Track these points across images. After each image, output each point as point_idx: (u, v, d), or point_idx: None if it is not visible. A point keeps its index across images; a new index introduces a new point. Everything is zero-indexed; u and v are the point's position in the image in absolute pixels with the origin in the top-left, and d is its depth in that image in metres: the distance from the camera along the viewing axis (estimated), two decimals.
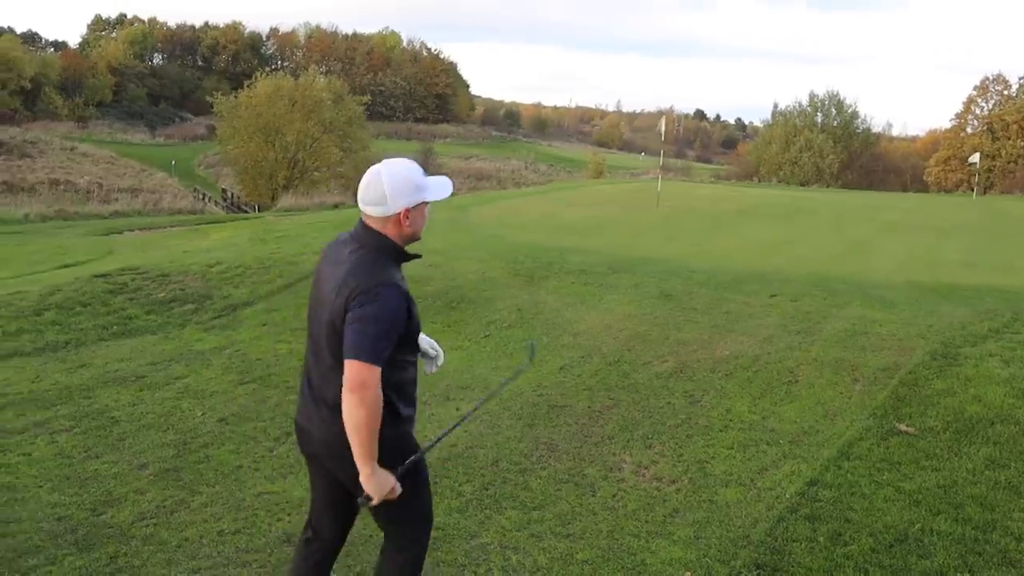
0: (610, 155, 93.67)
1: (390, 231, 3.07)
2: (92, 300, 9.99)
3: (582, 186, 32.26)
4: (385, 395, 2.91)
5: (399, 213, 3.04)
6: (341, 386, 2.89)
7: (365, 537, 4.49)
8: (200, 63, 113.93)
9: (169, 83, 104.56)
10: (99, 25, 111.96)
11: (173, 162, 65.16)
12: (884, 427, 6.12)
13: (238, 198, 50.95)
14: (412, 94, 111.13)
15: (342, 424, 2.89)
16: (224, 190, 54.51)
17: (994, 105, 60.99)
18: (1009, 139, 56.79)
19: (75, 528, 4.61)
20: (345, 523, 3.44)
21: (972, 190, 46.47)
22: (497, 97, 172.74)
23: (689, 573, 4.21)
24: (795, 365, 7.52)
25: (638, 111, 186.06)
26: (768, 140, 72.19)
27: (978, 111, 62.44)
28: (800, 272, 11.58)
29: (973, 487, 5.16)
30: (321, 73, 52.82)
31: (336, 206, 33.25)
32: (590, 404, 6.71)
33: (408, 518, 3.26)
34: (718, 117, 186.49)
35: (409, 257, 3.16)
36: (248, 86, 46.19)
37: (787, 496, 5.07)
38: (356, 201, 3.15)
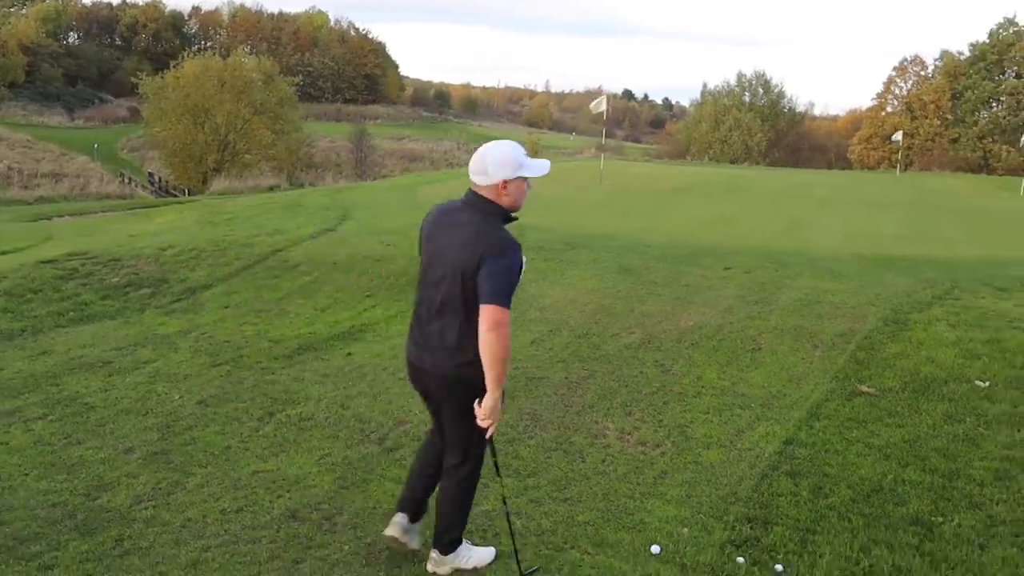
0: (542, 135, 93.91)
1: (494, 197, 3.54)
2: (42, 287, 9.73)
3: None
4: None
5: (498, 184, 3.50)
6: (461, 329, 3.52)
7: (368, 510, 4.58)
8: (119, 43, 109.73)
9: (86, 63, 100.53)
10: (7, 2, 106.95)
11: (95, 146, 62.91)
12: (847, 389, 6.46)
13: (166, 182, 49.65)
14: (341, 75, 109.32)
15: (454, 363, 3.57)
16: (151, 174, 53.03)
17: (912, 85, 63.22)
18: (927, 118, 58.97)
19: (72, 513, 4.57)
20: None
21: (894, 167, 48.20)
22: (426, 78, 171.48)
23: (686, 529, 4.41)
24: (757, 334, 7.82)
25: (567, 91, 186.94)
26: (698, 119, 73.56)
27: (897, 91, 64.67)
28: (748, 246, 11.96)
29: (935, 440, 5.51)
30: (250, 53, 51.55)
31: (271, 188, 32.67)
32: (566, 375, 6.87)
33: (474, 437, 3.75)
34: (646, 97, 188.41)
35: (512, 219, 3.63)
36: (175, 66, 44.93)
37: (766, 455, 5.33)
38: (291, 183, 3.41)
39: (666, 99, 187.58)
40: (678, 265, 10.36)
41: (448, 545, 3.94)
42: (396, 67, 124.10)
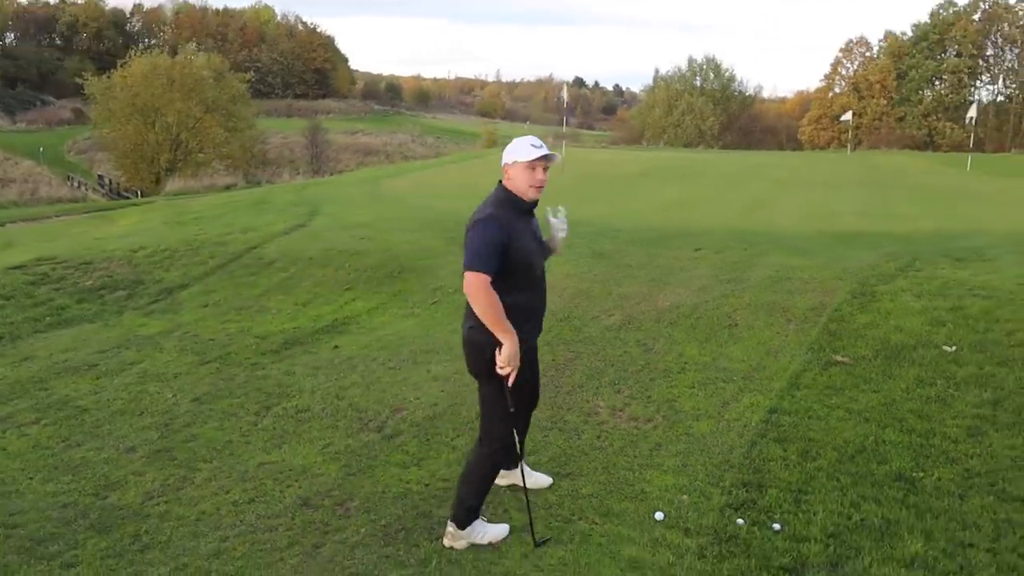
0: (497, 125, 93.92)
1: (505, 181, 4.01)
2: (14, 292, 9.66)
3: (485, 155, 32.48)
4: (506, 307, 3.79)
5: (503, 169, 4.00)
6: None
7: (378, 494, 4.72)
8: (59, 42, 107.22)
9: (26, 64, 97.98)
10: None
11: (41, 149, 61.55)
12: (822, 359, 6.73)
13: (118, 184, 48.75)
14: (290, 70, 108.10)
15: (464, 326, 4.05)
16: (101, 176, 52.06)
17: (858, 66, 64.48)
18: (873, 98, 60.25)
19: (85, 513, 4.63)
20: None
21: (843, 146, 49.21)
22: (376, 71, 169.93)
23: (686, 497, 4.62)
24: (732, 310, 8.08)
25: (518, 80, 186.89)
26: (651, 105, 74.22)
27: (844, 72, 65.90)
28: (715, 227, 12.25)
29: (909, 403, 5.80)
30: (198, 50, 50.75)
31: (228, 187, 32.30)
32: (553, 358, 7.05)
33: (488, 415, 4.10)
34: (596, 84, 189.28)
35: (525, 205, 3.99)
36: (122, 65, 44.08)
37: (753, 424, 5.57)
38: (247, 182, 3.62)
39: (617, 86, 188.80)
40: (650, 248, 10.60)
41: (464, 519, 4.14)
42: (346, 61, 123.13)
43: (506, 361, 3.82)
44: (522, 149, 3.94)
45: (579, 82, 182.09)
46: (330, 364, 7.06)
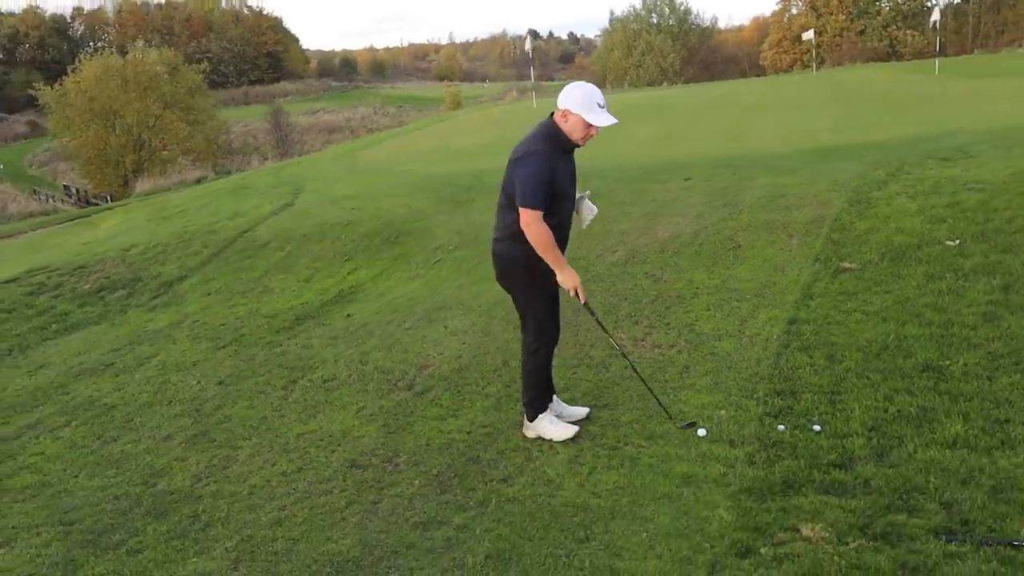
0: (459, 87, 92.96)
1: (559, 121, 4.25)
2: (15, 305, 9.60)
3: (452, 117, 32.27)
4: None
5: (562, 111, 4.21)
6: (500, 213, 4.45)
7: (422, 447, 4.79)
8: (1, 56, 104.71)
9: None
10: None
11: (0, 166, 60.43)
12: (830, 268, 6.83)
13: (85, 192, 48.05)
14: (242, 56, 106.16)
15: (492, 238, 4.56)
16: (67, 187, 51.20)
17: None
18: (831, 14, 59.98)
19: (138, 501, 4.68)
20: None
21: (806, 67, 49.13)
22: (329, 47, 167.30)
23: (723, 412, 4.73)
24: (732, 233, 8.15)
25: (472, 40, 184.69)
26: (610, 48, 73.68)
27: None
28: (698, 157, 12.29)
29: (923, 298, 5.92)
30: (147, 47, 49.71)
31: (199, 181, 31.94)
32: (565, 298, 7.09)
33: (529, 316, 4.63)
34: (551, 34, 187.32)
35: (571, 145, 4.29)
36: (73, 71, 43.22)
37: (775, 336, 5.67)
38: (217, 173, 3.76)
39: (571, 34, 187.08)
40: (639, 184, 10.64)
41: (528, 413, 4.67)
42: (297, 41, 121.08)
43: (564, 283, 4.36)
44: (590, 109, 4.17)
45: (533, 34, 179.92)
46: (346, 332, 7.10)
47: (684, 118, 20.14)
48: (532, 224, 4.16)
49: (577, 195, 4.55)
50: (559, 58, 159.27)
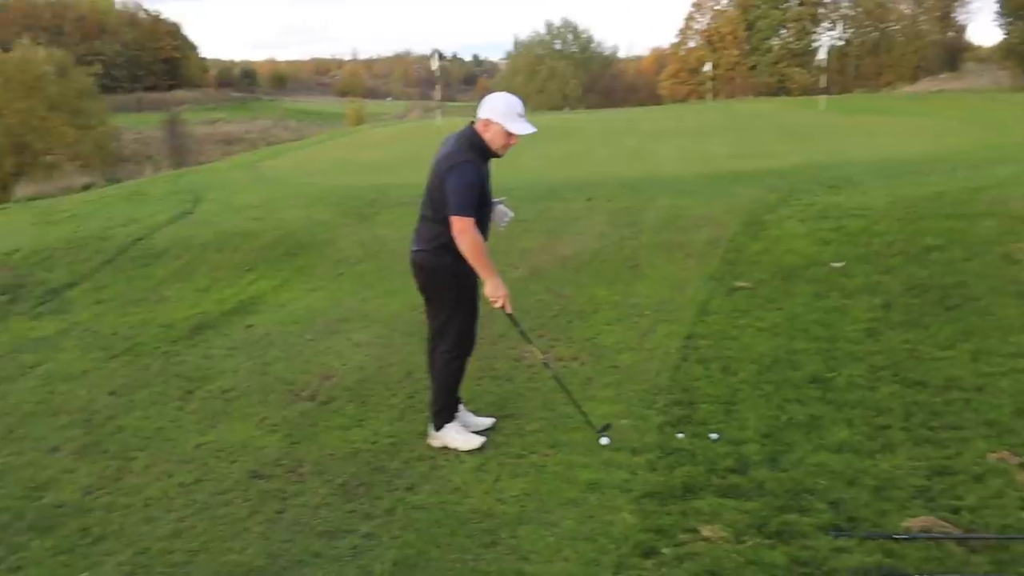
0: (363, 103, 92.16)
1: (480, 131, 4.34)
2: None
3: (357, 132, 31.99)
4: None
5: (483, 120, 4.31)
6: (424, 224, 4.48)
7: (327, 457, 4.73)
8: None
9: None
10: None
11: None
12: (725, 286, 7.13)
13: None
14: (137, 61, 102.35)
15: (413, 249, 4.55)
16: None
17: (710, 19, 66.57)
18: (726, 49, 62.37)
19: (20, 515, 4.40)
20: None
21: (701, 98, 50.99)
22: (228, 57, 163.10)
23: (625, 421, 4.85)
24: (632, 252, 8.40)
25: (376, 57, 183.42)
26: (514, 72, 74.58)
27: (696, 26, 67.90)
28: (601, 178, 12.60)
29: (811, 315, 6.24)
30: (36, 44, 47.32)
31: (86, 187, 30.58)
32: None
33: (445, 322, 4.63)
34: (455, 56, 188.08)
35: (490, 153, 4.39)
36: None
37: (673, 350, 5.87)
38: (107, 181, 3.75)
39: (475, 56, 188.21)
40: (543, 202, 10.81)
41: (436, 422, 4.68)
42: (195, 49, 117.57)
43: (492, 292, 4.42)
44: (509, 117, 4.29)
45: (439, 54, 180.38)
46: (247, 343, 6.95)
47: (587, 141, 20.57)
48: (467, 232, 4.23)
49: (493, 200, 4.62)
50: (462, 80, 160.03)
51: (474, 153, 4.33)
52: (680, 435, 4.55)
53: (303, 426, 5.21)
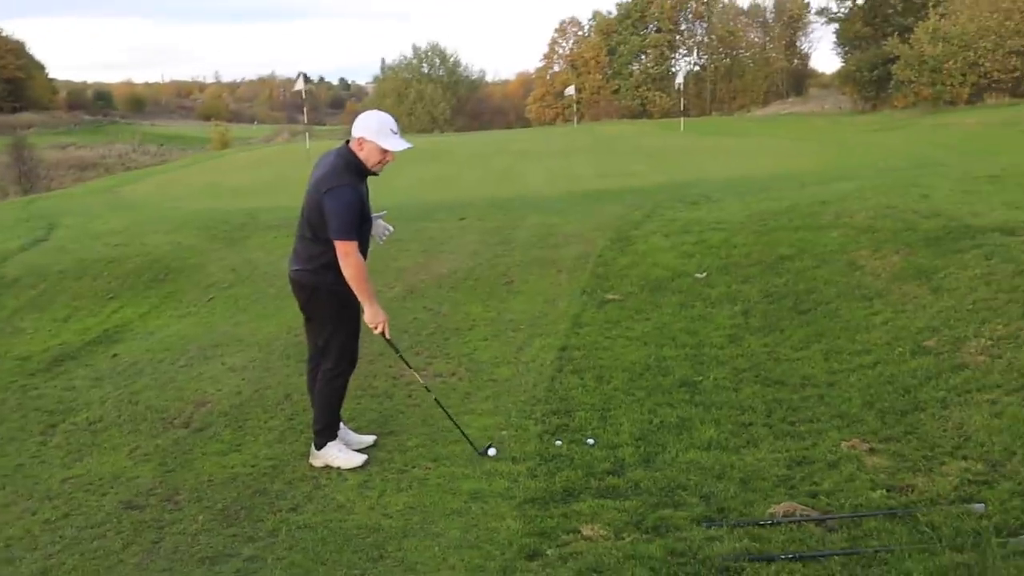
0: (228, 127, 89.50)
1: (356, 150, 4.32)
2: None
3: (223, 156, 31.11)
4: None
5: (357, 139, 4.29)
6: (303, 244, 4.47)
7: (205, 484, 4.63)
8: None
9: None
10: None
11: None
12: (596, 299, 7.39)
13: None
14: None
15: (292, 268, 4.53)
16: None
17: (573, 44, 68.60)
18: (589, 73, 64.37)
19: None
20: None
21: (567, 121, 52.37)
22: (80, 78, 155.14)
23: (505, 432, 4.96)
24: (506, 269, 8.58)
25: (239, 80, 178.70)
26: (382, 95, 74.29)
27: (560, 51, 69.82)
28: (473, 198, 12.79)
29: (677, 324, 6.56)
30: None
31: None
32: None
33: (328, 340, 4.63)
34: (322, 79, 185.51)
35: (367, 172, 4.39)
36: None
37: (549, 362, 6.04)
38: None
39: (342, 79, 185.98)
40: (416, 222, 10.88)
41: (317, 441, 4.66)
42: (43, 68, 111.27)
43: (372, 319, 4.45)
44: (384, 135, 4.31)
45: (305, 77, 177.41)
46: (113, 372, 6.67)
47: (458, 162, 20.80)
48: (350, 256, 4.25)
49: (373, 216, 4.67)
50: (330, 103, 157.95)
51: (350, 173, 4.33)
52: (558, 442, 4.70)
53: (177, 454, 5.05)
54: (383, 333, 4.52)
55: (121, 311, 8.37)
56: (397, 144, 4.37)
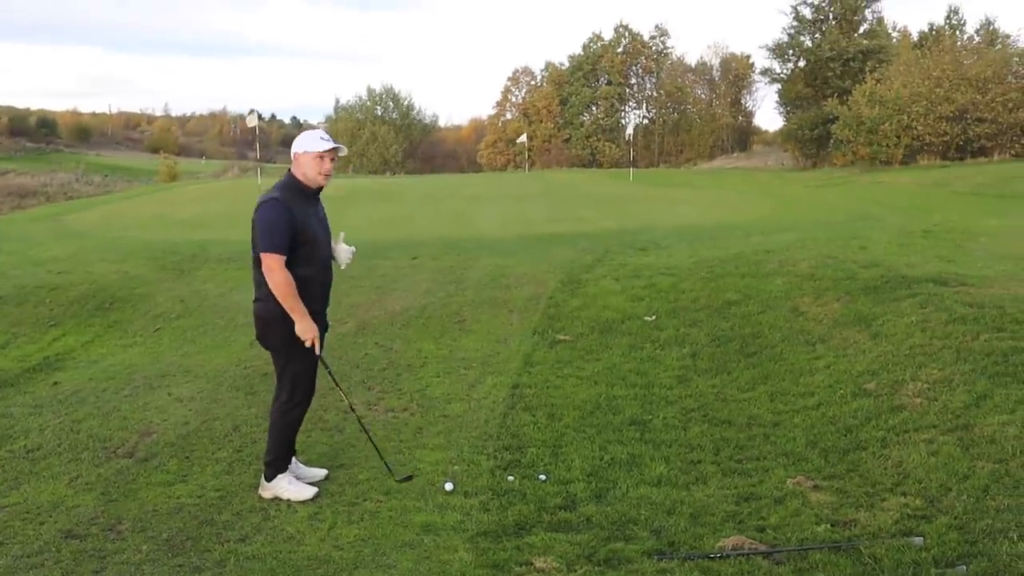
0: (176, 160, 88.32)
1: (293, 168, 4.42)
2: None
3: (172, 188, 30.67)
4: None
5: (294, 157, 4.41)
6: (254, 273, 4.43)
7: (149, 513, 4.54)
8: None
9: None
10: None
11: None
12: (547, 340, 7.47)
13: None
14: None
15: (261, 306, 4.44)
16: None
17: (526, 93, 69.72)
18: (541, 122, 65.42)
19: None
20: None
21: (518, 167, 52.98)
22: (23, 104, 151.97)
23: (457, 467, 4.97)
24: (458, 308, 8.62)
25: (189, 114, 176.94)
26: (335, 134, 74.22)
27: (513, 99, 70.88)
28: (426, 238, 12.85)
29: (627, 364, 6.67)
30: None
31: None
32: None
33: (287, 377, 4.61)
34: (274, 116, 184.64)
35: (311, 190, 4.44)
36: None
37: (501, 399, 6.08)
38: None
39: (294, 118, 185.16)
40: (368, 260, 10.87)
41: (270, 472, 4.63)
42: None
43: (302, 333, 4.38)
44: (312, 141, 4.35)
45: (256, 114, 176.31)
46: (54, 400, 6.50)
47: (410, 203, 20.89)
48: (275, 271, 4.24)
49: (332, 242, 4.70)
50: (281, 141, 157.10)
51: (286, 191, 4.34)
52: (511, 478, 4.72)
53: (121, 484, 4.94)
54: (313, 347, 4.48)
55: (63, 339, 8.18)
56: (328, 144, 4.37)
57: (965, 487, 3.96)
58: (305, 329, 4.39)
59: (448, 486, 4.65)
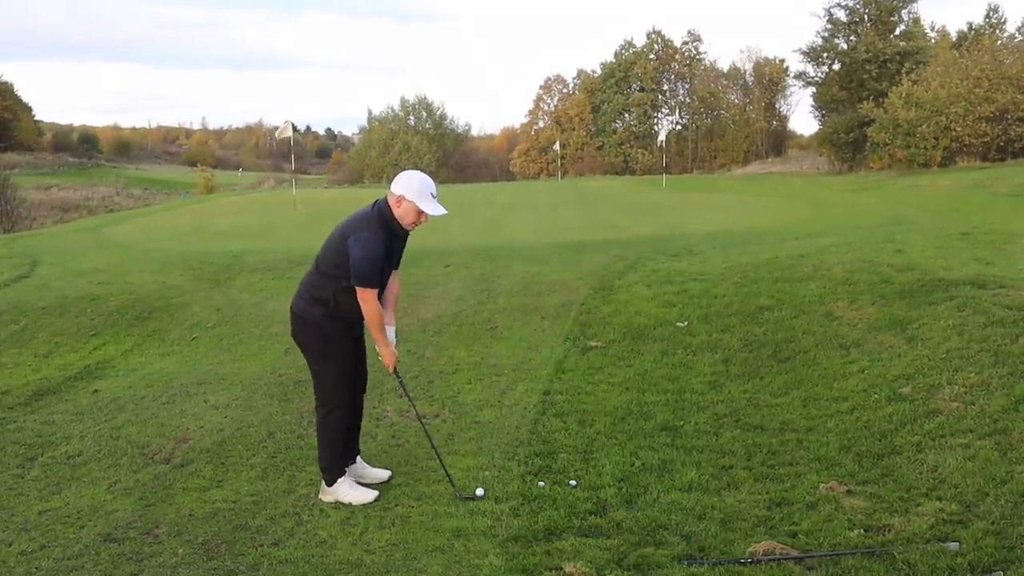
0: (213, 173, 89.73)
1: (392, 205, 4.44)
2: None
3: (209, 200, 31.17)
4: (336, 301, 4.55)
5: (396, 196, 4.41)
6: (308, 277, 4.67)
7: (185, 518, 4.61)
8: None
9: None
10: None
11: None
12: (579, 346, 7.47)
13: None
14: None
15: (302, 303, 4.65)
16: None
17: (558, 101, 69.86)
18: (573, 129, 65.52)
19: None
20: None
21: (551, 175, 53.05)
22: (67, 121, 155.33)
23: (488, 472, 4.99)
24: (490, 315, 8.65)
25: (226, 127, 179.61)
26: (368, 146, 74.93)
27: (545, 107, 71.03)
28: (458, 247, 12.91)
29: (659, 370, 6.64)
30: None
31: None
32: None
33: (319, 382, 4.82)
34: (309, 128, 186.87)
35: (400, 231, 4.54)
36: None
37: (532, 406, 6.09)
38: None
39: (329, 129, 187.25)
40: (403, 268, 10.89)
41: (326, 478, 4.73)
42: (29, 110, 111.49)
43: (384, 359, 4.83)
44: (424, 196, 4.42)
45: (292, 125, 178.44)
46: (94, 408, 6.64)
47: None
48: (368, 303, 4.46)
49: None
50: (316, 153, 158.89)
51: (382, 227, 4.44)
52: (541, 483, 4.73)
53: (158, 488, 5.04)
54: (395, 371, 4.85)
55: (103, 348, 8.35)
56: (435, 209, 4.48)
57: (1003, 492, 3.89)
58: (387, 355, 4.78)
59: (480, 492, 4.67)
